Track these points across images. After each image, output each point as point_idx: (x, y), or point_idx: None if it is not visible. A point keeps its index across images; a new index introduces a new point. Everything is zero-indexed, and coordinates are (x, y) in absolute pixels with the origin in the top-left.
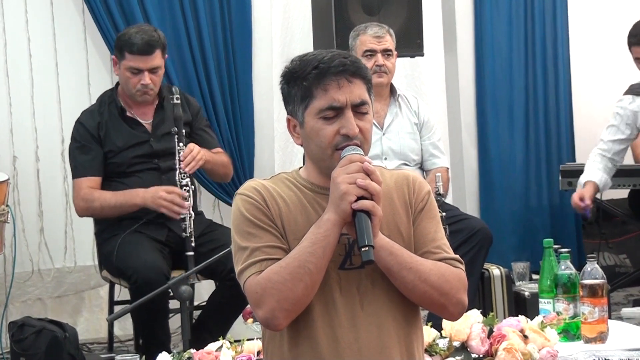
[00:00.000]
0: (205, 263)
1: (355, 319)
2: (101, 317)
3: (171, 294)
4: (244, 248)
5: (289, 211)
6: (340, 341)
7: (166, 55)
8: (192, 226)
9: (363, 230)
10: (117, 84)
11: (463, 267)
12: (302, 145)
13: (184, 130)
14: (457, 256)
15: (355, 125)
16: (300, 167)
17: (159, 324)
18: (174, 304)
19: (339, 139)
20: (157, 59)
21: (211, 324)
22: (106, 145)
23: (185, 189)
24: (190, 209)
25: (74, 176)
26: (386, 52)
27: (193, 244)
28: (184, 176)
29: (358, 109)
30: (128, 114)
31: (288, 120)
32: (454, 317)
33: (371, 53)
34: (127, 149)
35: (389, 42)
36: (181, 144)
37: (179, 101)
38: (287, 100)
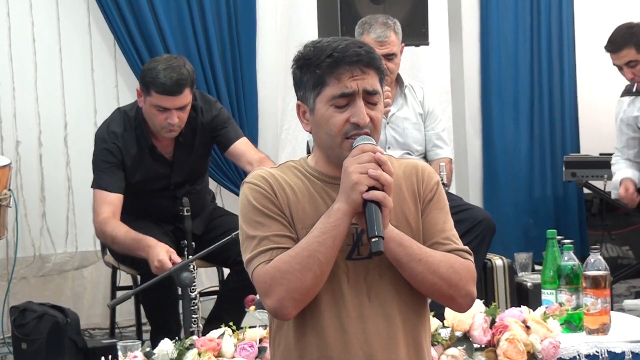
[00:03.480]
0: (207, 250)
1: (362, 310)
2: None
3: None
4: (252, 237)
5: (297, 200)
6: (348, 331)
7: (194, 88)
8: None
9: (373, 221)
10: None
11: (472, 258)
12: (310, 132)
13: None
14: (466, 247)
15: (366, 114)
16: (308, 155)
17: (170, 312)
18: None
19: (349, 128)
20: (185, 98)
21: (225, 314)
22: (127, 173)
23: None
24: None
25: (98, 187)
26: (388, 56)
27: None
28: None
29: (369, 98)
30: (157, 150)
31: (298, 106)
32: (462, 309)
33: None
34: (146, 182)
35: (393, 43)
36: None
37: (189, 213)
38: (299, 85)
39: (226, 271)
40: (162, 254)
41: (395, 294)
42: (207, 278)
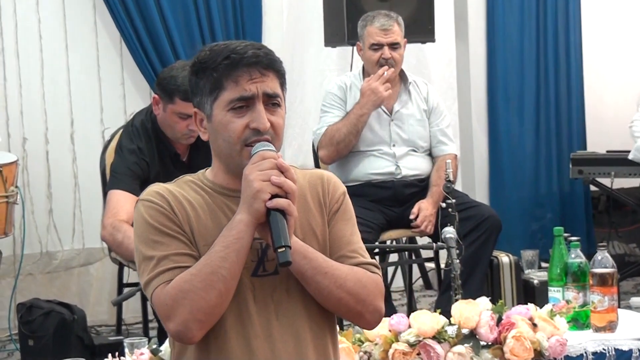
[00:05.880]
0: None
1: (270, 329)
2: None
3: None
4: (150, 257)
5: (198, 216)
6: (256, 352)
7: None
8: None
9: (279, 230)
10: (151, 112)
11: (380, 272)
12: (208, 141)
13: None
14: (374, 261)
15: (267, 120)
16: (207, 169)
17: None
18: None
19: (249, 134)
20: None
21: None
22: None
23: None
24: None
25: (120, 188)
26: (393, 45)
27: None
28: None
29: (270, 100)
30: (180, 158)
31: (194, 114)
32: (370, 326)
33: (378, 46)
34: None
35: (397, 33)
36: None
37: None
38: (194, 91)
39: None
40: None
41: (304, 311)
42: None
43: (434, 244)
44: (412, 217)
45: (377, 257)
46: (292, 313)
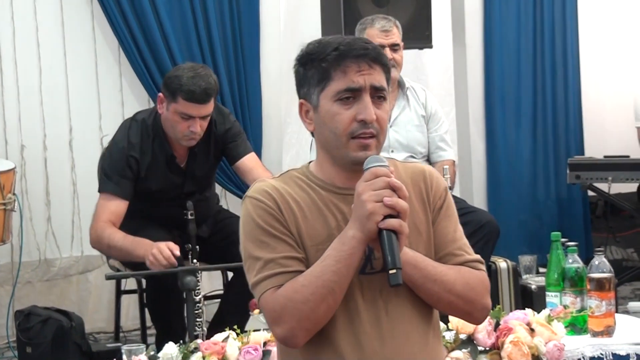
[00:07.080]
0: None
1: (380, 326)
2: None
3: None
4: (257, 258)
5: (304, 216)
6: (365, 349)
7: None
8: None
9: (391, 252)
10: (156, 112)
11: (484, 267)
12: (312, 133)
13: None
14: (478, 256)
15: (373, 112)
16: (310, 162)
17: (175, 316)
18: None
19: (355, 126)
20: (210, 107)
21: (229, 317)
22: (140, 183)
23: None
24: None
25: (105, 191)
26: (393, 47)
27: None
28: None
29: (376, 93)
30: (176, 160)
31: (300, 105)
32: (479, 322)
33: (380, 48)
34: (160, 191)
35: (396, 35)
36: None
37: (193, 217)
38: (302, 83)
39: (229, 275)
40: (159, 246)
41: (411, 307)
42: (210, 281)
43: None
44: None
45: None
46: (401, 310)
